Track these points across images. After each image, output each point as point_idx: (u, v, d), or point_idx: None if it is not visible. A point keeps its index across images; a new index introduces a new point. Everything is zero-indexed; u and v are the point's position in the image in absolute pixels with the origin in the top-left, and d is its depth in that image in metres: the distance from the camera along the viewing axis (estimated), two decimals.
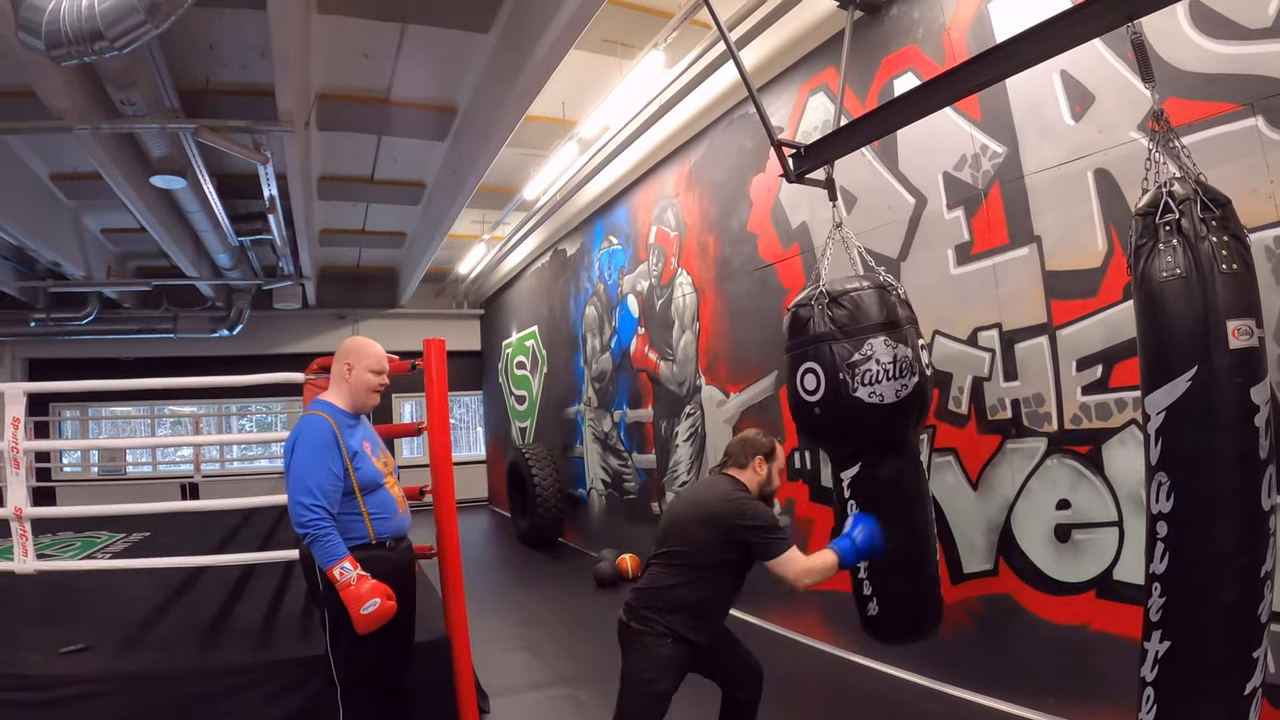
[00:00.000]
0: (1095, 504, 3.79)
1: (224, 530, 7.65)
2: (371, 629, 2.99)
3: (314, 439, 3.14)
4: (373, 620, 2.97)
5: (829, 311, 3.60)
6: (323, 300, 14.68)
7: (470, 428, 17.76)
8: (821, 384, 3.58)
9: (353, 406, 3.38)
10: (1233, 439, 2.37)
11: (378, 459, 3.38)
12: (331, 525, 3.04)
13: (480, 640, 4.47)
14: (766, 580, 6.18)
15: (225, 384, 4.70)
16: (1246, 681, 2.32)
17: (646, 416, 8.52)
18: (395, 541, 3.35)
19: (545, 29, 5.56)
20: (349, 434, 3.26)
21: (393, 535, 3.33)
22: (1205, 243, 2.40)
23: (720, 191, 6.87)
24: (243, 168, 7.82)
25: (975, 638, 4.43)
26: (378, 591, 3.01)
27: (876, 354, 3.54)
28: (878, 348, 3.54)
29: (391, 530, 3.32)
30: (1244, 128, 3.14)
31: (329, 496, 3.07)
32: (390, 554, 3.29)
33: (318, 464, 3.09)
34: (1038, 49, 3.04)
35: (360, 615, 2.96)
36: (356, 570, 3.00)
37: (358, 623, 2.97)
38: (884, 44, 4.92)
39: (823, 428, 3.77)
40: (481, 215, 11.24)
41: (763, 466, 3.34)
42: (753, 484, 3.33)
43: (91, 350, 13.45)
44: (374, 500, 3.26)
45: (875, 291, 3.67)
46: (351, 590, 2.97)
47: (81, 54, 4.30)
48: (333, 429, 3.18)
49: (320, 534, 3.00)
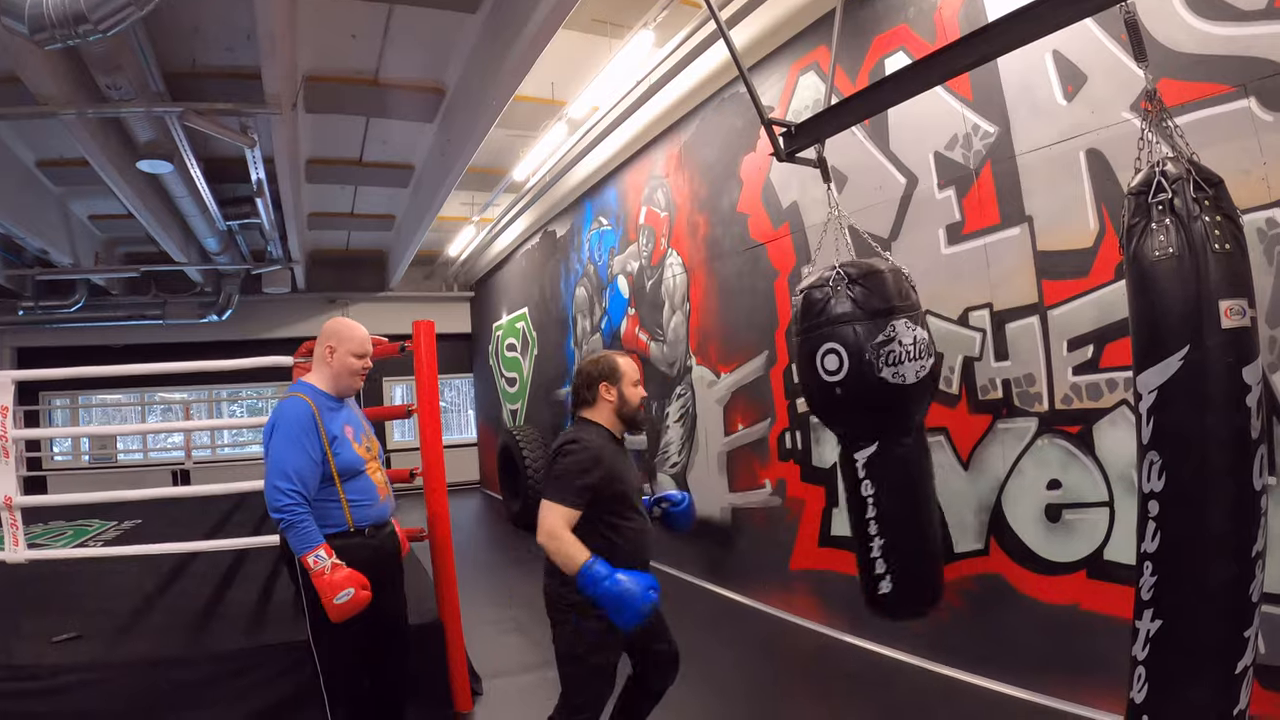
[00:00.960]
0: (1086, 484, 3.80)
1: (216, 516, 7.66)
2: (345, 618, 2.99)
3: (292, 423, 3.12)
4: (346, 610, 2.97)
5: (849, 292, 3.58)
6: (312, 284, 14.61)
7: (461, 410, 17.74)
8: (845, 365, 3.54)
9: (335, 389, 3.34)
10: (1224, 418, 2.36)
11: (359, 444, 3.33)
12: (306, 511, 3.03)
13: (472, 623, 4.48)
14: (759, 563, 6.23)
15: (215, 369, 4.68)
16: (1238, 661, 2.33)
17: None
18: (375, 529, 3.31)
19: (534, 8, 5.51)
20: (330, 417, 3.22)
21: (373, 523, 3.29)
22: (1198, 223, 2.39)
23: (710, 171, 6.84)
24: (230, 151, 7.77)
25: (966, 617, 4.45)
26: (352, 581, 2.99)
27: (899, 335, 3.53)
28: (900, 329, 3.53)
29: (372, 518, 3.28)
30: (1237, 109, 3.14)
31: (305, 482, 3.05)
32: (369, 541, 3.26)
33: (295, 448, 3.07)
34: (1030, 28, 3.02)
35: (333, 605, 2.96)
36: (331, 559, 3.00)
37: (330, 612, 2.96)
38: (875, 23, 4.90)
39: (844, 408, 3.71)
40: (471, 197, 11.19)
41: (611, 391, 3.11)
42: (608, 414, 3.13)
43: (80, 338, 13.38)
44: (353, 486, 3.23)
45: (891, 274, 3.66)
46: (325, 579, 2.97)
47: (65, 37, 4.26)
48: (312, 412, 3.16)
49: (295, 520, 3.00)
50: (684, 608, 6.09)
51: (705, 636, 5.64)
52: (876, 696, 4.44)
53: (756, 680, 4.85)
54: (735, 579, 6.68)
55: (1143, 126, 2.63)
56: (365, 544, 3.22)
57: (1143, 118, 2.65)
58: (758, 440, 6.33)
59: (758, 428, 6.32)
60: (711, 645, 5.43)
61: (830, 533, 5.47)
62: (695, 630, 5.79)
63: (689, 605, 6.49)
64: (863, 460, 3.70)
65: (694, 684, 3.73)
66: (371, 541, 3.27)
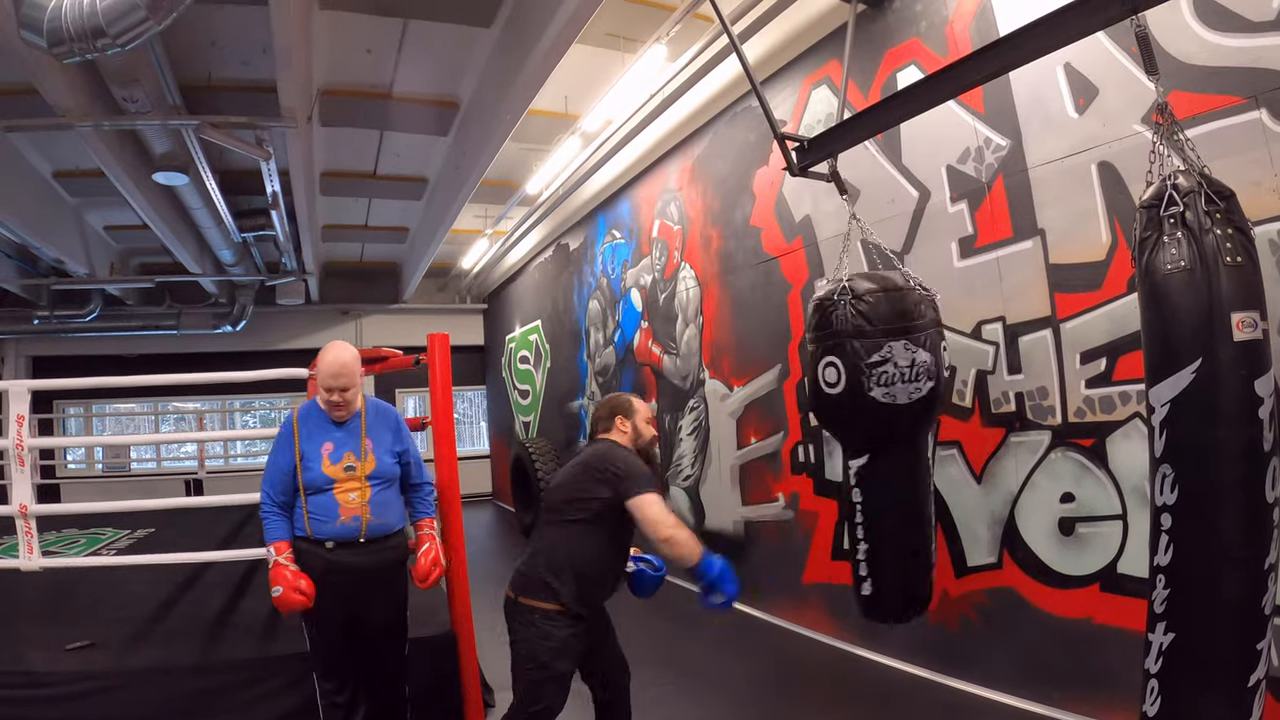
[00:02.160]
0: (1099, 497, 3.79)
1: (229, 526, 7.64)
2: (284, 610, 3.33)
3: (280, 432, 3.57)
4: (280, 603, 3.28)
5: (851, 308, 3.62)
6: (326, 296, 14.68)
7: (474, 422, 17.75)
8: (841, 379, 3.62)
9: None
10: (1237, 431, 2.36)
11: (336, 464, 3.47)
12: (273, 509, 3.42)
13: (485, 634, 4.46)
14: (771, 575, 6.21)
15: (229, 380, 4.72)
16: (1250, 674, 2.32)
17: None
18: (339, 544, 3.42)
19: (548, 23, 5.55)
20: (315, 432, 3.50)
21: (331, 537, 3.42)
22: (1209, 235, 2.39)
23: (723, 185, 6.86)
24: (245, 164, 7.80)
25: (979, 631, 4.44)
26: (282, 580, 3.27)
27: (895, 356, 3.58)
28: (897, 350, 3.59)
29: (328, 533, 3.42)
30: (1248, 121, 3.14)
31: (274, 485, 3.44)
32: (323, 553, 3.41)
33: (273, 455, 3.50)
34: (1041, 42, 3.04)
35: (272, 595, 3.29)
36: (277, 556, 3.34)
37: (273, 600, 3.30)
38: (887, 37, 4.91)
39: (839, 419, 3.85)
40: (484, 210, 11.22)
41: (625, 423, 3.42)
42: (624, 442, 3.40)
43: (95, 347, 13.44)
44: (315, 502, 3.44)
45: (900, 293, 3.71)
46: (271, 572, 3.32)
47: (84, 51, 4.30)
48: (291, 426, 3.51)
49: (262, 516, 3.43)
50: (695, 622, 6.07)
51: (718, 651, 5.63)
52: (889, 710, 4.42)
53: (769, 694, 4.83)
54: (748, 592, 6.59)
55: (1154, 139, 2.64)
56: (317, 554, 3.41)
57: (1154, 130, 2.65)
58: (771, 453, 6.32)
59: (771, 441, 6.31)
60: (724, 659, 5.42)
61: (843, 546, 5.45)
62: (708, 645, 5.79)
63: (700, 620, 6.46)
64: (855, 469, 3.82)
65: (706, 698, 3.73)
66: (326, 553, 3.41)
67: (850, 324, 3.60)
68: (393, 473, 3.60)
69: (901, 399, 3.59)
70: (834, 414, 3.81)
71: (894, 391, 3.57)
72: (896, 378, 3.57)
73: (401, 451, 3.66)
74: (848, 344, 3.59)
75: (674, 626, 5.96)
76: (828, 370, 3.67)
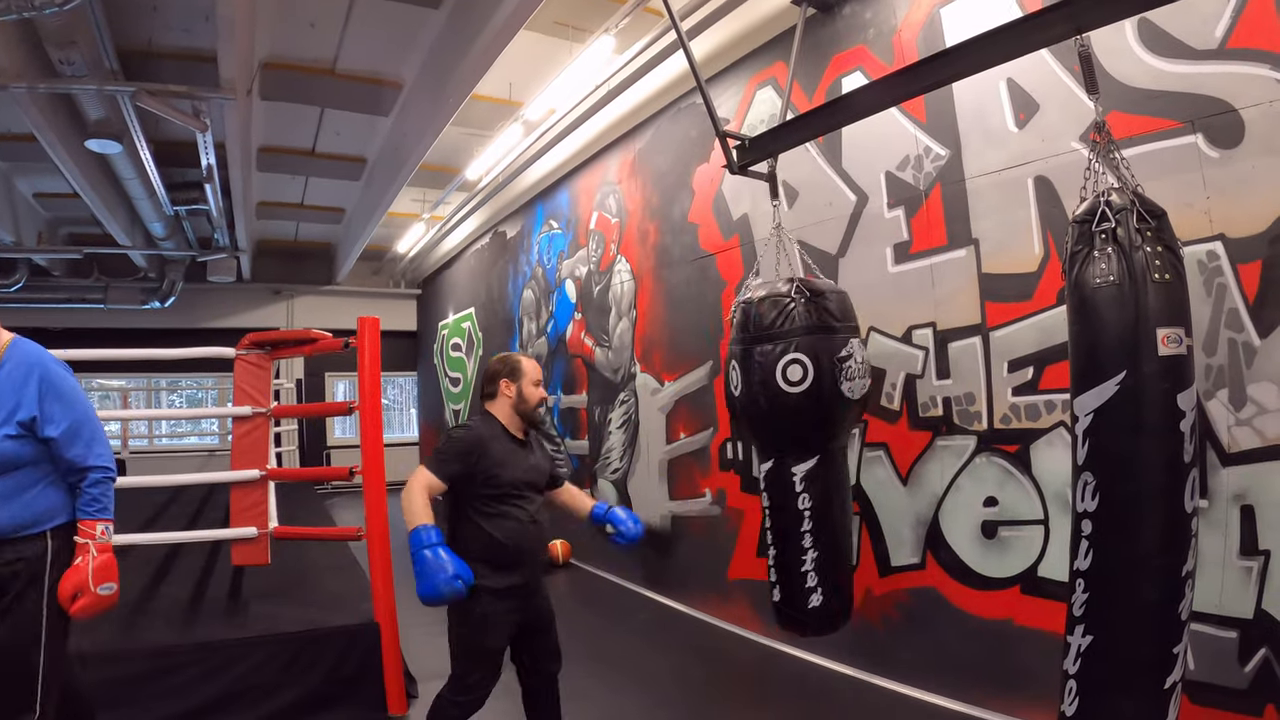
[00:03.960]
0: (1022, 502, 3.88)
1: (152, 508, 7.49)
2: None
3: None
4: None
5: (817, 305, 3.68)
6: (258, 274, 14.41)
7: (404, 409, 17.59)
8: (809, 376, 3.62)
9: None
10: (1158, 442, 2.44)
11: None
12: None
13: (409, 624, 4.42)
14: (698, 572, 6.25)
15: (156, 357, 4.59)
16: (1167, 676, 2.40)
17: (580, 402, 8.51)
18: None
19: (497, 7, 5.50)
20: None
21: None
22: (1139, 252, 2.46)
23: (663, 180, 6.87)
24: (181, 135, 7.60)
25: (902, 630, 4.52)
26: None
27: (854, 352, 3.71)
28: (855, 346, 3.73)
29: None
30: (1184, 144, 3.23)
31: None
32: None
33: None
34: (986, 55, 3.09)
35: None
36: None
37: None
38: (835, 42, 4.96)
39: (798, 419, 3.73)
40: (422, 194, 11.13)
41: (510, 387, 3.34)
42: (506, 409, 3.34)
43: (18, 319, 12.67)
44: None
45: (841, 295, 3.86)
46: None
47: (20, 9, 4.17)
48: None
49: None
50: (622, 614, 6.10)
51: (643, 643, 5.66)
52: (811, 706, 4.47)
53: (693, 688, 4.86)
54: (674, 587, 6.69)
55: (1090, 156, 2.71)
56: None
57: (1091, 148, 2.73)
58: (699, 449, 6.36)
59: (700, 437, 6.34)
60: (649, 652, 5.44)
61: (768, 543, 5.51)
62: (633, 637, 5.81)
63: (628, 612, 6.49)
64: (801, 474, 3.77)
65: (631, 690, 3.75)
66: None
67: (816, 320, 3.65)
68: (8, 450, 2.65)
69: (857, 393, 3.72)
70: (792, 414, 3.69)
71: (854, 387, 3.68)
72: (855, 372, 3.68)
73: (28, 421, 2.70)
74: (816, 340, 3.63)
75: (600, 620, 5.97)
76: (791, 369, 3.63)
